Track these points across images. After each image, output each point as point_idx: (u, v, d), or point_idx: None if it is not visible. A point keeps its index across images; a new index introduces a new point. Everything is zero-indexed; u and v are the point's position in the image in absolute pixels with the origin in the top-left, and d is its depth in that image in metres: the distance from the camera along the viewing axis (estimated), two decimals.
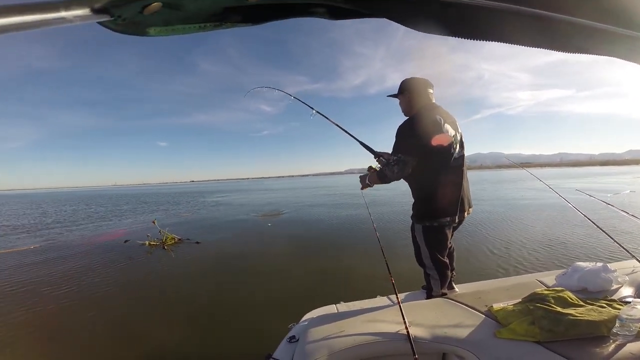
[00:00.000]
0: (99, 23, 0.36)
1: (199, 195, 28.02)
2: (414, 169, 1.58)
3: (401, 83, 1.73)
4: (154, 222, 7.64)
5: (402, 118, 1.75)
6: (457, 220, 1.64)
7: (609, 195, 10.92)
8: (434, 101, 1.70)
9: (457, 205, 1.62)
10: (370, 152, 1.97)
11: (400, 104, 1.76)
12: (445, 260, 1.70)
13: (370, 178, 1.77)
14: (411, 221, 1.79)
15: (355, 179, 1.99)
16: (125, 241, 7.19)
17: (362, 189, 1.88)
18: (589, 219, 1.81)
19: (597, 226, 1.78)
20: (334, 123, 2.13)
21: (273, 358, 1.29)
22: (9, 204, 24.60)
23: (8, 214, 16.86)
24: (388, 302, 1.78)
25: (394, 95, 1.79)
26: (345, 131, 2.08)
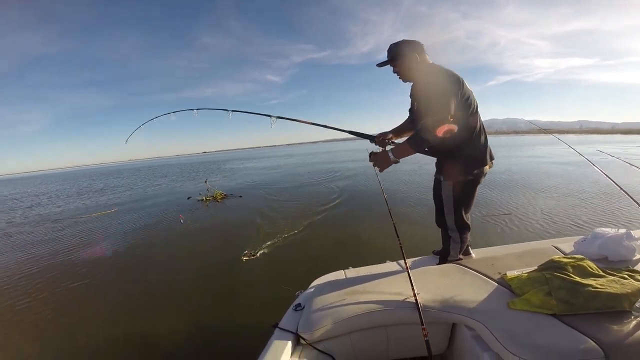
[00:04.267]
0: None
1: (216, 165, 28.92)
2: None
3: (398, 46, 1.53)
4: (205, 182, 10.55)
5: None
6: (485, 172, 1.58)
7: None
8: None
9: (487, 153, 1.57)
10: (365, 138, 1.81)
11: (401, 69, 1.58)
12: (468, 222, 1.66)
13: (396, 151, 1.48)
14: (434, 179, 1.72)
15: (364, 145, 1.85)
16: (188, 197, 8.99)
17: (382, 169, 1.54)
18: (610, 179, 1.69)
19: (620, 187, 1.66)
20: (304, 122, 1.93)
21: (279, 327, 1.27)
22: (47, 184, 26.20)
23: (55, 190, 17.99)
24: (397, 267, 1.72)
25: (388, 62, 1.58)
26: (326, 126, 1.94)
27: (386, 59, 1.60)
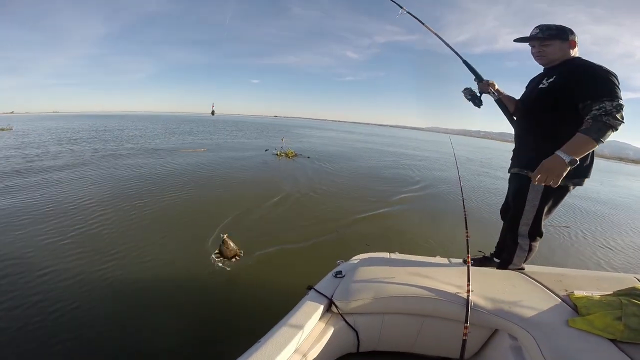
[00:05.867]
0: None
1: (285, 129, 30.75)
2: (573, 119, 1.30)
3: (560, 27, 1.42)
4: (282, 140, 12.20)
5: (519, 82, 1.53)
6: (582, 184, 1.44)
7: None
8: None
9: (592, 166, 1.41)
10: (475, 74, 1.69)
11: (554, 50, 1.44)
12: (543, 230, 1.53)
13: (577, 145, 1.19)
14: (517, 177, 1.55)
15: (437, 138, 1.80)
16: (266, 150, 10.69)
17: (557, 182, 1.21)
18: None
19: None
20: (428, 28, 1.81)
21: (315, 289, 1.22)
22: (146, 122, 31.50)
23: (153, 127, 21.27)
24: (448, 262, 1.61)
25: (538, 39, 1.45)
26: (446, 43, 1.77)
27: (532, 35, 1.47)
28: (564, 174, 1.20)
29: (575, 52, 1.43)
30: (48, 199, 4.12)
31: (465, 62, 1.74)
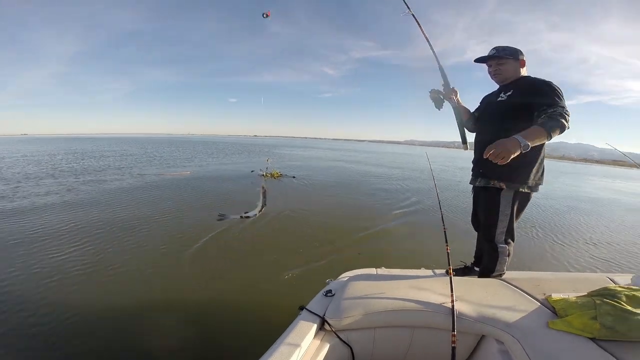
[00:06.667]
0: None
1: (267, 149, 30.97)
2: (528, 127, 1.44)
3: (514, 49, 1.61)
4: (267, 160, 12.02)
5: (482, 89, 1.69)
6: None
7: None
8: None
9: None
10: (445, 80, 1.85)
11: (508, 68, 1.62)
12: (515, 233, 1.64)
13: (530, 136, 1.26)
14: (484, 189, 1.65)
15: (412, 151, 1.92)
16: (252, 171, 10.63)
17: (507, 160, 1.24)
18: None
19: None
20: (423, 33, 1.92)
21: (307, 309, 1.24)
22: (119, 145, 30.72)
23: (137, 152, 20.30)
24: (432, 274, 1.67)
25: (496, 58, 1.63)
26: (432, 48, 1.90)
27: (490, 55, 1.64)
28: (514, 155, 1.25)
29: (524, 71, 1.63)
30: (41, 223, 4.20)
31: (440, 68, 1.90)
